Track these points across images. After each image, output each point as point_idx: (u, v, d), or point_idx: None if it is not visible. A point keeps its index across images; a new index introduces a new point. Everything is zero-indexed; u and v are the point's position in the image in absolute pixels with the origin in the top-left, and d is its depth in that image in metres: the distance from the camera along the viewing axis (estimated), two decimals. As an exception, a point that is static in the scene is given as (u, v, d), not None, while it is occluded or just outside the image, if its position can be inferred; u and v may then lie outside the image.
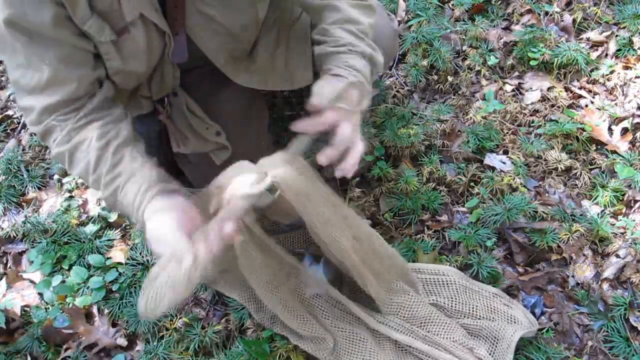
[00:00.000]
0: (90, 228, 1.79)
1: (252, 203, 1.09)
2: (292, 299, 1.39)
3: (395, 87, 1.96)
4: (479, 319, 1.35)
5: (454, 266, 1.49)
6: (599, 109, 1.77)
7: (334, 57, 1.20)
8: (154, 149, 1.64)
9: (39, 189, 1.98)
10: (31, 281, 1.73)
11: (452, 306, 1.36)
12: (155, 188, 1.11)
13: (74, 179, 1.94)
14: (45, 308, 1.64)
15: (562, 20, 2.01)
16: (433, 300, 1.38)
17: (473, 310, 1.36)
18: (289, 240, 1.58)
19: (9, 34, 1.09)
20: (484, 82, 1.92)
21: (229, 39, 1.35)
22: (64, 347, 1.57)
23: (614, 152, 1.67)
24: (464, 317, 1.36)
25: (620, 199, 1.58)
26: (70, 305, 1.63)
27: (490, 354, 1.28)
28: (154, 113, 1.50)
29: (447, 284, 1.40)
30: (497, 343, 1.30)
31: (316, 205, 1.20)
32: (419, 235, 1.59)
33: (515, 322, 1.34)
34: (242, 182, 1.11)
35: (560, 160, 1.65)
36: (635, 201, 1.57)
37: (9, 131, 2.23)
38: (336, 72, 1.17)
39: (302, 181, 1.17)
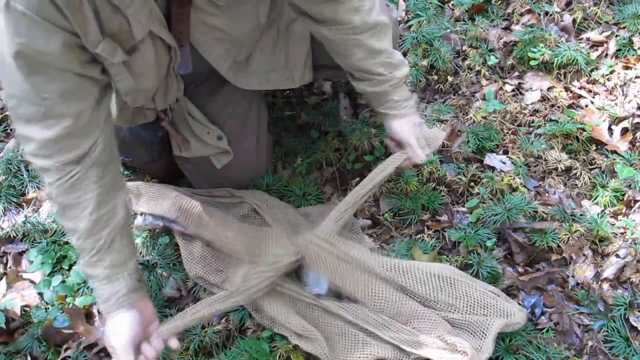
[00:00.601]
0: (90, 228, 1.79)
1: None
2: (289, 301, 1.43)
3: (395, 87, 1.96)
4: (470, 314, 1.34)
5: (454, 266, 1.49)
6: (599, 109, 1.77)
7: (385, 96, 1.47)
8: (156, 153, 1.65)
9: (39, 189, 1.98)
10: (31, 281, 1.73)
11: (440, 299, 1.36)
12: (126, 301, 1.27)
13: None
14: (45, 308, 1.64)
15: (562, 20, 2.01)
16: (423, 292, 1.37)
17: (464, 305, 1.35)
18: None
19: (13, 64, 1.06)
20: (484, 82, 1.92)
21: (232, 46, 1.36)
22: (64, 347, 1.57)
23: (614, 152, 1.67)
24: (454, 311, 1.35)
25: (620, 199, 1.58)
26: (70, 305, 1.63)
27: (476, 350, 1.28)
28: (156, 120, 1.51)
29: (439, 277, 1.39)
30: (484, 338, 1.30)
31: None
32: (419, 235, 1.59)
33: (508, 316, 1.34)
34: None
35: (560, 160, 1.65)
36: (635, 201, 1.57)
37: (9, 131, 2.23)
38: (398, 113, 1.49)
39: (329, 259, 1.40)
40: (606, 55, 1.91)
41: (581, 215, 1.55)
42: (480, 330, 1.31)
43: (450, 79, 1.93)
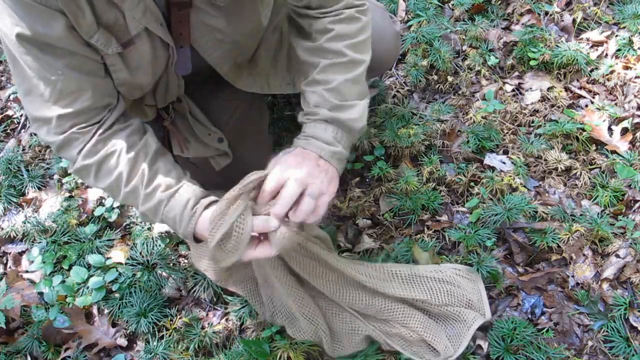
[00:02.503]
0: (90, 228, 1.79)
1: None
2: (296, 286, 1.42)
3: (395, 87, 1.96)
4: (437, 305, 1.37)
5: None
6: (599, 109, 1.77)
7: (307, 125, 1.20)
8: None
9: (39, 189, 1.98)
10: (31, 281, 1.73)
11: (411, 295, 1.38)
12: (201, 204, 1.16)
13: (74, 178, 1.94)
14: (45, 308, 1.64)
15: (562, 20, 2.01)
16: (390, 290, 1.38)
17: (431, 297, 1.37)
18: None
19: (19, 47, 1.08)
20: (484, 82, 1.92)
21: (233, 47, 1.35)
22: (64, 347, 1.57)
23: (614, 152, 1.67)
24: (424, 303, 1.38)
25: (620, 199, 1.58)
26: (70, 305, 1.63)
27: (448, 338, 1.33)
28: (158, 119, 1.51)
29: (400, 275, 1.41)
30: (454, 325, 1.35)
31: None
32: (419, 235, 1.59)
33: (471, 306, 1.38)
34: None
35: (560, 160, 1.65)
36: (635, 201, 1.57)
37: (9, 131, 2.23)
38: (301, 145, 1.18)
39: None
40: (606, 55, 1.90)
41: (581, 215, 1.55)
42: (451, 318, 1.35)
43: (450, 79, 1.93)
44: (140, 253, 1.69)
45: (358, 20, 1.25)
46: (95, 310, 1.63)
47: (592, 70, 1.87)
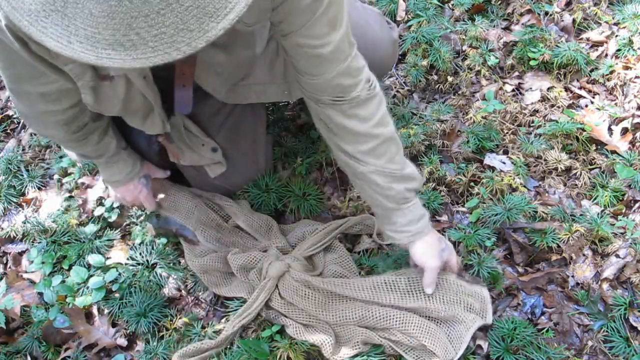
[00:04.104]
0: (90, 228, 1.79)
1: None
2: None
3: (395, 87, 1.96)
4: (436, 310, 1.37)
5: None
6: (599, 109, 1.77)
7: (395, 215, 1.34)
8: (153, 158, 1.67)
9: (39, 189, 1.98)
10: (31, 281, 1.73)
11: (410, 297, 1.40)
12: (138, 173, 1.57)
13: (73, 179, 1.94)
14: (45, 308, 1.64)
15: (562, 20, 2.01)
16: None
17: (432, 304, 1.38)
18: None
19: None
20: (484, 82, 1.92)
21: (230, 75, 1.37)
22: (64, 347, 1.57)
23: (614, 152, 1.67)
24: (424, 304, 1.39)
25: (620, 199, 1.58)
26: (70, 305, 1.62)
27: (449, 340, 1.33)
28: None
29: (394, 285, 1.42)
30: (454, 326, 1.36)
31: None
32: (419, 235, 1.59)
33: (471, 310, 1.38)
34: None
35: (560, 160, 1.65)
36: (635, 201, 1.57)
37: (8, 131, 2.23)
38: (413, 240, 1.35)
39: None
40: (606, 55, 1.90)
41: (581, 215, 1.55)
42: (450, 320, 1.37)
43: (450, 79, 1.93)
44: (140, 253, 1.69)
45: (374, 97, 1.26)
46: (95, 310, 1.63)
47: (592, 70, 1.87)
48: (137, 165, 1.60)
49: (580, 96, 1.84)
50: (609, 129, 1.73)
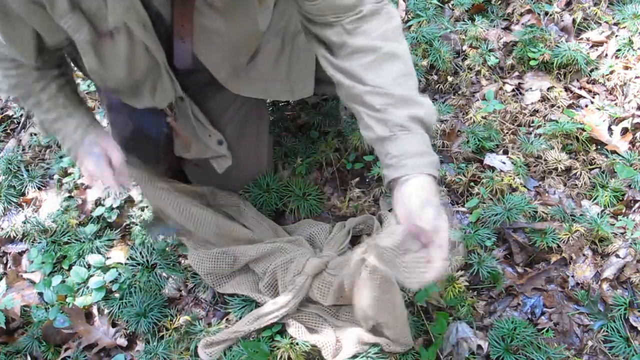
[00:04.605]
0: (90, 228, 1.79)
1: None
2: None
3: (395, 87, 1.96)
4: None
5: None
6: (599, 109, 1.77)
7: (389, 144, 1.08)
8: (161, 149, 1.65)
9: (39, 189, 1.98)
10: (31, 281, 1.73)
11: None
12: (93, 131, 1.40)
13: (73, 179, 1.94)
14: (45, 308, 1.64)
15: (562, 20, 2.01)
16: None
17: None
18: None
19: None
20: (484, 82, 1.92)
21: (230, 52, 1.34)
22: (64, 347, 1.57)
23: (613, 152, 1.67)
24: None
25: (620, 199, 1.58)
26: (70, 305, 1.62)
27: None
28: (162, 116, 1.50)
29: None
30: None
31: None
32: (419, 235, 1.59)
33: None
34: None
35: (560, 160, 1.65)
36: (635, 201, 1.57)
37: (8, 131, 2.23)
38: (405, 174, 1.06)
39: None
40: (606, 55, 1.90)
41: (581, 215, 1.55)
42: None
43: (450, 79, 1.93)
44: (140, 253, 1.69)
45: (380, 11, 1.14)
46: (95, 310, 1.63)
47: (592, 70, 1.87)
48: (85, 121, 1.42)
49: (580, 96, 1.84)
50: (609, 129, 1.73)
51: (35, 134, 2.15)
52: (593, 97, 1.83)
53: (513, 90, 1.89)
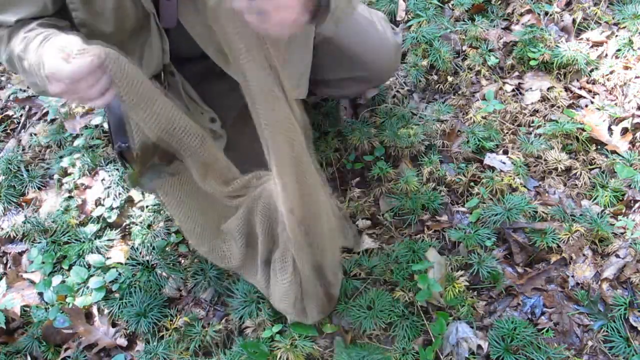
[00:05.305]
0: (90, 228, 1.79)
1: None
2: None
3: (395, 87, 1.96)
4: None
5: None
6: (599, 109, 1.77)
7: None
8: None
9: (39, 189, 1.98)
10: (31, 281, 1.73)
11: None
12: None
13: (73, 179, 1.94)
14: (45, 308, 1.64)
15: (562, 20, 2.01)
16: None
17: None
18: None
19: None
20: (484, 82, 1.92)
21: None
22: (64, 347, 1.57)
23: (613, 152, 1.67)
24: None
25: (620, 199, 1.58)
26: (70, 305, 1.63)
27: None
28: None
29: None
30: None
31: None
32: (419, 235, 1.59)
33: None
34: None
35: (560, 160, 1.65)
36: (635, 201, 1.57)
37: (8, 131, 2.23)
38: None
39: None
40: (606, 55, 1.90)
41: (581, 215, 1.55)
42: None
43: (450, 79, 1.93)
44: (140, 253, 1.70)
45: None
46: (95, 310, 1.63)
47: (592, 70, 1.87)
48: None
49: (580, 96, 1.84)
50: (609, 129, 1.73)
51: (35, 134, 2.15)
52: (593, 97, 1.83)
53: (513, 90, 1.89)
